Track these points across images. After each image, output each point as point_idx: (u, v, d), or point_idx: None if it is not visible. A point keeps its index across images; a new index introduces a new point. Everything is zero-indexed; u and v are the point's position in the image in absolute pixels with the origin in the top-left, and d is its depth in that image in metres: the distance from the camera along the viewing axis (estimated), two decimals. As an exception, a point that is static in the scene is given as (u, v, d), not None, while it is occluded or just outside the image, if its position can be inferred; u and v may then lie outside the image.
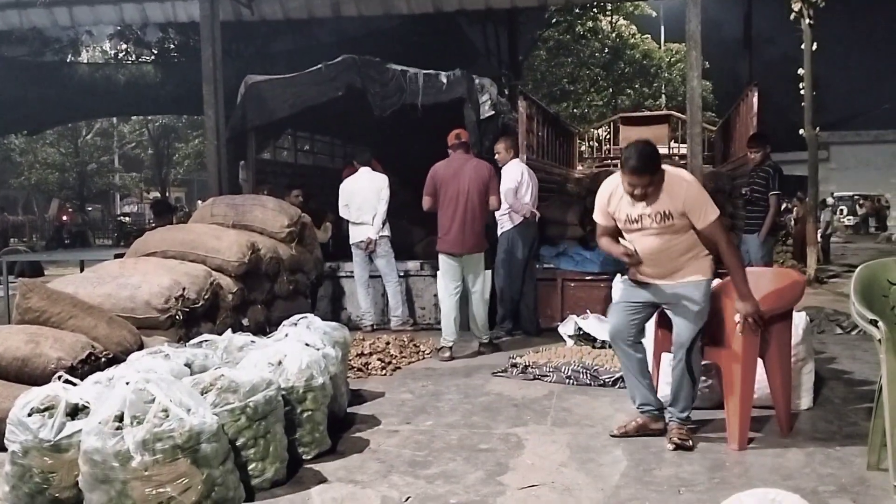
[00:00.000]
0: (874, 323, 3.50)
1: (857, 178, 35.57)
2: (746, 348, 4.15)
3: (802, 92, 14.01)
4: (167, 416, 3.20)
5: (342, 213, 8.27)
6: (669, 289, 4.25)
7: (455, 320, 6.86)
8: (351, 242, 8.22)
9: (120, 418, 3.20)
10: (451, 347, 6.84)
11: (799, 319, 4.81)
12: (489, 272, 7.22)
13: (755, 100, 8.90)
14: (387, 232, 8.18)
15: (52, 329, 4.61)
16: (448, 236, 6.80)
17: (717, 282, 4.41)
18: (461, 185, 6.75)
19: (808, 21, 13.50)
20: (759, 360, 4.32)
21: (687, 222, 4.14)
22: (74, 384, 3.62)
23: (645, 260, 4.23)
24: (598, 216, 4.42)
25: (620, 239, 4.35)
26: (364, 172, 8.26)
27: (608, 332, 4.55)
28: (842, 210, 33.73)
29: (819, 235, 15.38)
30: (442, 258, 6.91)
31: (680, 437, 4.21)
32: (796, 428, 4.54)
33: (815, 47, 13.59)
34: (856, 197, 30.88)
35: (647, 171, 4.05)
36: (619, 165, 4.34)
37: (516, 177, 7.52)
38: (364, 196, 8.10)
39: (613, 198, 4.28)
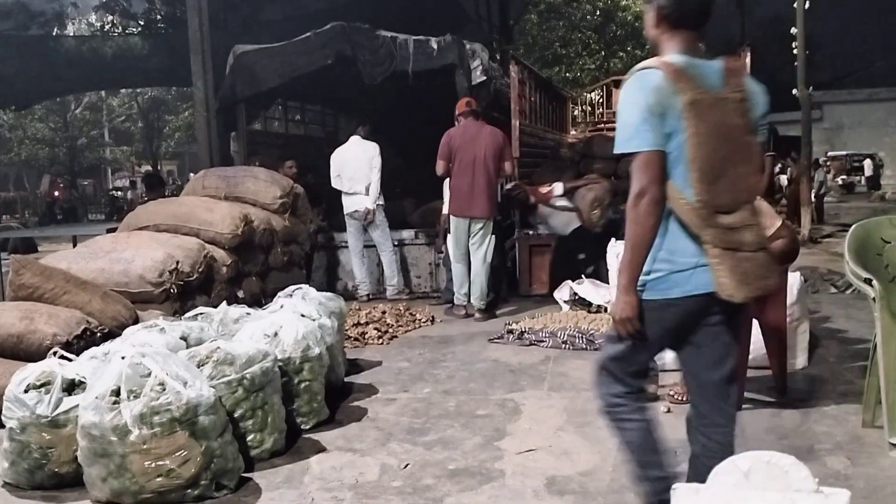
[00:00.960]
0: (868, 281, 3.51)
1: (850, 138, 35.54)
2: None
3: (795, 51, 13.95)
4: (164, 390, 3.20)
5: (334, 183, 8.20)
6: None
7: (467, 277, 7.08)
8: (345, 213, 8.18)
9: (117, 393, 3.20)
10: (465, 305, 7.09)
11: (793, 279, 4.82)
12: (493, 238, 7.24)
13: (748, 60, 8.83)
14: (381, 201, 8.15)
15: (46, 305, 4.59)
16: (462, 200, 6.95)
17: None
18: (477, 152, 6.92)
19: (800, -21, 13.41)
20: (755, 321, 4.33)
21: None
22: (70, 360, 3.62)
23: None
24: None
25: None
26: (354, 141, 8.20)
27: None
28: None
29: (812, 195, 15.42)
30: (454, 221, 7.03)
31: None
32: (792, 387, 4.57)
33: (807, 6, 13.51)
34: (822, 160, 30.76)
35: None
36: None
37: None
38: (356, 166, 8.04)
39: None
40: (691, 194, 2.41)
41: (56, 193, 34.63)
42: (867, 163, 32.47)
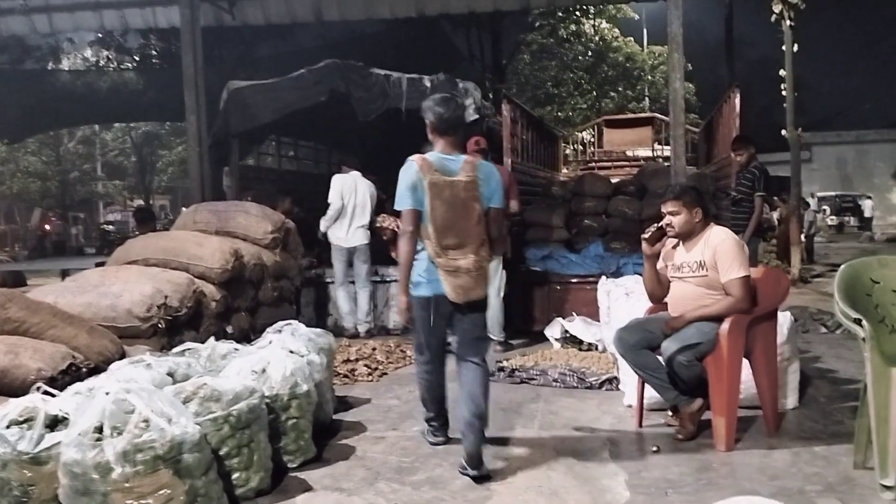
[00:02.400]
0: (858, 322, 3.50)
1: (838, 179, 35.87)
2: (731, 348, 4.15)
3: (784, 93, 14.09)
4: (148, 427, 3.15)
5: (335, 207, 8.08)
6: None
7: None
8: (345, 246, 8.13)
9: (100, 429, 3.15)
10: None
11: (783, 319, 4.82)
12: (504, 273, 7.28)
13: (737, 101, 8.91)
14: (367, 239, 8.18)
15: (31, 339, 4.53)
16: None
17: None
18: None
19: (788, 23, 13.58)
20: (745, 361, 4.32)
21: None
22: (53, 395, 3.56)
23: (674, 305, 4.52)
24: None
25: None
26: (358, 176, 8.24)
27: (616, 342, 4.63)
28: (825, 210, 33.96)
29: (803, 235, 15.49)
30: None
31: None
32: (783, 427, 4.55)
33: (795, 49, 13.68)
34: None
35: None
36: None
37: None
38: (363, 200, 8.13)
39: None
40: (431, 238, 4.00)
41: (47, 227, 34.50)
42: (867, 203, 32.52)
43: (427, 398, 4.46)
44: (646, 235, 4.56)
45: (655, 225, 4.54)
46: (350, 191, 8.16)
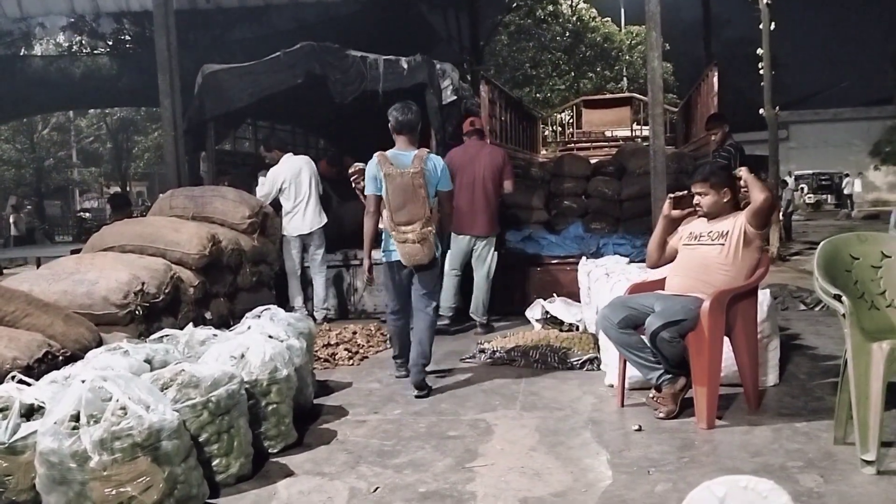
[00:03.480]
0: (838, 298, 3.51)
1: (816, 157, 36.10)
2: (712, 326, 4.16)
3: (762, 72, 14.14)
4: (125, 414, 3.11)
5: (272, 196, 7.90)
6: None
7: (455, 294, 7.33)
8: (299, 233, 7.94)
9: (76, 418, 3.10)
10: (450, 317, 7.28)
11: (763, 297, 4.83)
12: (496, 255, 7.39)
13: (715, 80, 8.92)
14: (320, 224, 8.02)
15: (6, 328, 4.46)
16: (464, 219, 7.12)
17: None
18: (476, 171, 7.23)
19: (765, 1, 13.61)
20: (726, 339, 4.33)
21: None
22: (29, 384, 3.51)
23: (676, 270, 4.56)
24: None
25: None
26: (290, 156, 8.11)
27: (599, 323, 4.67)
28: (802, 188, 34.19)
29: (780, 214, 15.58)
30: (454, 238, 7.10)
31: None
32: (763, 405, 4.57)
33: (773, 27, 13.72)
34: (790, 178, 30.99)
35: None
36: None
37: None
38: (305, 182, 7.94)
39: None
40: (388, 216, 5.10)
41: (21, 215, 34.08)
42: (852, 181, 32.59)
43: (395, 341, 5.60)
44: (674, 195, 4.68)
45: (688, 192, 4.60)
46: (292, 176, 7.91)
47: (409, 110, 5.32)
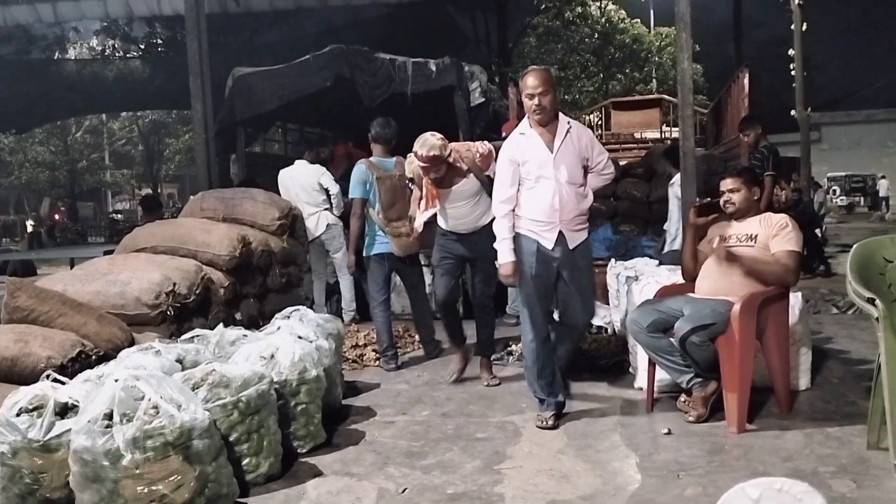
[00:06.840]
0: (871, 301, 3.46)
1: (849, 159, 35.59)
2: (742, 330, 4.12)
3: (793, 73, 13.99)
4: (157, 413, 3.15)
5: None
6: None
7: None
8: (309, 238, 7.78)
9: (110, 416, 3.15)
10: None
11: (795, 300, 4.78)
12: None
13: (746, 81, 8.84)
14: (326, 227, 7.84)
15: (41, 328, 4.54)
16: None
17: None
18: None
19: (797, 1, 13.46)
20: (757, 342, 4.29)
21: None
22: (63, 383, 3.57)
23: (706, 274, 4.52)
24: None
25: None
26: (299, 166, 7.92)
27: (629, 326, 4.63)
28: (834, 190, 33.73)
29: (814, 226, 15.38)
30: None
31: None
32: (795, 409, 4.52)
33: (804, 28, 13.56)
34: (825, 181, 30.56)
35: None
36: None
37: None
38: (305, 185, 7.78)
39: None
40: (380, 213, 5.85)
41: (56, 217, 34.65)
42: (883, 183, 32.20)
43: (383, 334, 6.02)
44: (698, 203, 4.76)
45: (709, 199, 4.62)
46: (291, 183, 7.79)
47: (389, 125, 6.09)
